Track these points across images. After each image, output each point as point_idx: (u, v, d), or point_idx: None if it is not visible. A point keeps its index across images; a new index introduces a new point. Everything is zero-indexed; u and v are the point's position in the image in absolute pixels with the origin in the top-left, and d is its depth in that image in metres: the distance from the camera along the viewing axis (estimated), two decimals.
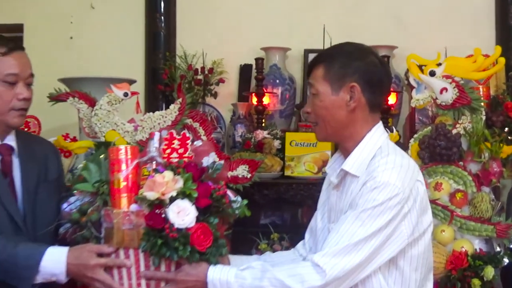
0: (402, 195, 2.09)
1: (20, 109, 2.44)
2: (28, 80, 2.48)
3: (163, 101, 4.77)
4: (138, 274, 2.19)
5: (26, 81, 2.46)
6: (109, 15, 5.17)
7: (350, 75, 2.22)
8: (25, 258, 2.22)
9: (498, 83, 4.17)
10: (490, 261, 3.25)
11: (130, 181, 2.21)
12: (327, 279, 2.04)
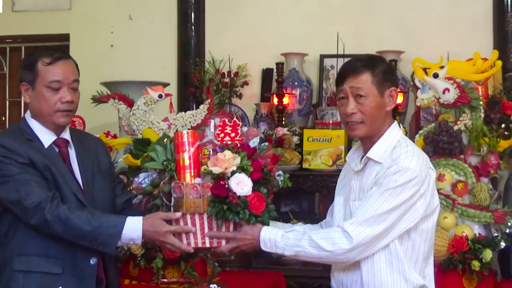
0: (419, 178, 2.20)
1: (64, 110, 2.48)
2: (72, 85, 2.50)
3: (193, 102, 4.78)
4: (202, 234, 2.34)
5: (70, 86, 2.49)
6: (145, 25, 5.19)
7: (389, 81, 2.33)
8: (109, 227, 2.34)
9: (495, 83, 4.16)
10: (488, 244, 3.24)
11: (193, 159, 2.35)
12: (354, 243, 2.16)
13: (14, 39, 5.62)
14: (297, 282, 4.15)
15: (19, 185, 2.34)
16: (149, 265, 3.57)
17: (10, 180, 2.36)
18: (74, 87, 2.50)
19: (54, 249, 2.40)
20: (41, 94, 2.46)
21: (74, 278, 2.40)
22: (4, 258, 2.42)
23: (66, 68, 2.49)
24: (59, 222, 2.31)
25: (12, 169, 2.36)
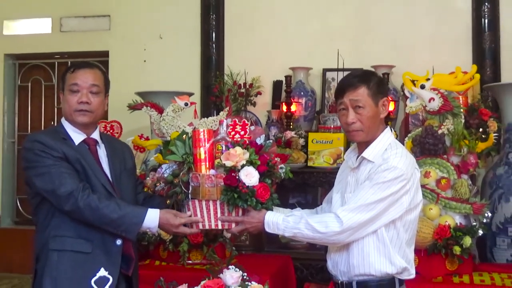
0: (405, 176, 2.22)
1: (81, 110, 2.49)
2: (91, 89, 2.50)
3: (214, 109, 4.79)
4: (215, 218, 2.39)
5: (89, 89, 2.50)
6: (173, 43, 5.21)
7: (382, 93, 2.35)
8: (132, 217, 2.38)
9: (474, 94, 4.14)
10: (468, 232, 3.23)
11: (208, 153, 2.40)
12: (344, 227, 2.20)
13: (62, 55, 5.65)
14: (303, 263, 4.14)
15: (54, 176, 2.37)
16: (176, 249, 3.59)
17: (46, 172, 2.38)
18: (93, 91, 2.51)
19: (85, 232, 2.41)
20: (66, 97, 2.52)
21: (102, 256, 2.41)
22: (43, 240, 2.44)
23: (87, 74, 2.52)
24: (90, 209, 2.34)
25: (48, 162, 2.39)
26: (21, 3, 5.57)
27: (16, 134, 5.79)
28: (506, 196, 3.83)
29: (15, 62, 5.79)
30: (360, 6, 4.86)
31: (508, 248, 3.80)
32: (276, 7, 5.02)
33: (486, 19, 4.55)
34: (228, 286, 2.17)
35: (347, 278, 2.33)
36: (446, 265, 3.27)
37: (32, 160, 2.42)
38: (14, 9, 5.60)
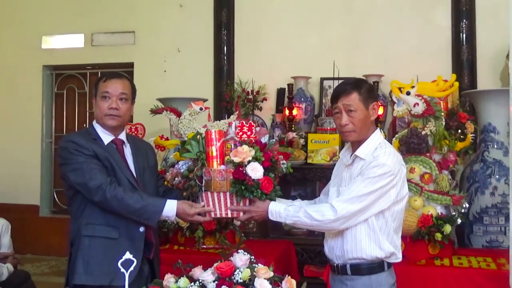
0: (392, 172, 2.23)
1: (110, 115, 2.51)
2: (120, 96, 2.52)
3: (225, 113, 4.79)
4: (226, 207, 2.42)
5: (118, 97, 2.52)
6: (190, 56, 5.22)
7: (372, 98, 2.35)
8: (153, 206, 2.41)
9: (453, 99, 4.13)
10: (448, 221, 3.23)
11: (219, 151, 2.41)
12: (337, 215, 2.21)
13: (93, 67, 5.68)
14: (303, 248, 4.14)
15: (85, 172, 2.39)
16: (192, 235, 3.59)
17: (79, 167, 2.40)
18: (122, 98, 2.53)
19: (112, 220, 2.44)
20: (98, 103, 2.54)
21: (127, 242, 2.43)
22: (76, 227, 2.47)
23: (117, 84, 2.54)
24: (116, 200, 2.36)
25: (80, 159, 2.41)
26: (58, 20, 5.60)
27: (53, 135, 5.82)
28: (481, 189, 3.82)
29: (52, 73, 5.82)
30: (352, 23, 4.85)
31: (484, 235, 3.79)
32: (279, 24, 5.02)
33: (464, 34, 4.55)
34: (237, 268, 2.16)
35: (341, 261, 2.33)
36: (429, 249, 3.26)
37: (66, 157, 2.44)
38: (52, 26, 5.63)
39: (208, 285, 2.08)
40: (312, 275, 3.84)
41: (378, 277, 2.28)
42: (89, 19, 5.51)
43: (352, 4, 4.87)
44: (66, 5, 5.57)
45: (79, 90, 5.79)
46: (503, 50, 4.39)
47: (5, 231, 3.92)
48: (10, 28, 5.71)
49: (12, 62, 5.71)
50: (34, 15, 5.65)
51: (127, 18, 5.42)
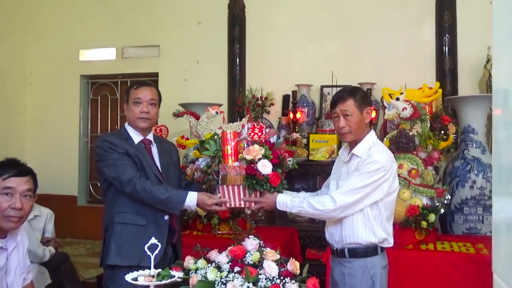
0: (384, 168, 2.23)
1: (142, 118, 2.53)
2: (149, 102, 2.54)
3: (238, 116, 4.78)
4: (239, 198, 2.42)
5: (148, 102, 2.53)
6: (207, 66, 5.22)
7: (365, 103, 2.34)
8: (177, 197, 2.42)
9: (437, 104, 4.10)
10: (432, 210, 3.23)
11: (233, 150, 2.42)
12: (336, 206, 2.22)
13: (123, 76, 5.69)
14: (305, 234, 4.13)
15: (118, 167, 2.41)
16: (209, 222, 3.60)
17: (112, 163, 2.42)
18: (151, 103, 2.55)
19: (141, 209, 2.45)
20: (130, 107, 2.55)
21: (153, 228, 2.45)
22: (110, 215, 2.49)
23: (146, 91, 2.55)
24: (144, 192, 2.37)
25: (113, 156, 2.43)
26: (93, 36, 5.62)
27: (89, 135, 5.85)
28: (462, 183, 3.81)
29: (88, 81, 5.85)
30: (348, 38, 4.83)
31: (464, 223, 3.78)
32: (284, 39, 5.01)
33: (447, 47, 4.52)
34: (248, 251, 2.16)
35: (340, 246, 2.33)
36: (416, 235, 3.25)
37: (102, 155, 2.46)
38: (88, 41, 5.66)
39: (223, 266, 2.09)
40: (313, 257, 3.84)
41: (372, 260, 2.28)
42: (120, 34, 5.53)
43: (348, 21, 4.85)
44: (100, 23, 5.59)
45: (111, 97, 5.81)
46: (481, 61, 4.37)
47: (49, 219, 3.94)
48: (52, 43, 5.75)
49: (54, 72, 5.75)
50: (73, 31, 5.68)
51: (153, 34, 5.42)
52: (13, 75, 5.63)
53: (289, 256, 2.23)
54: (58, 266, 3.61)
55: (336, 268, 2.38)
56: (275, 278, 2.02)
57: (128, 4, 5.49)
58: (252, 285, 1.98)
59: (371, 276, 2.27)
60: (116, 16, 5.53)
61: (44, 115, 5.79)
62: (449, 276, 3.03)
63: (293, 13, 5.00)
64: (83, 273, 4.01)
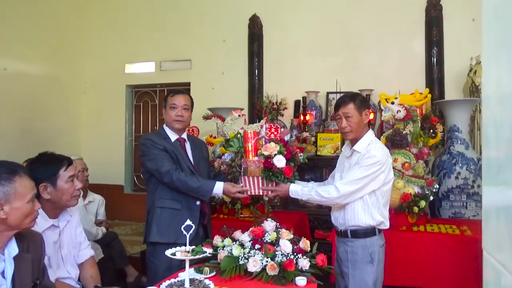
0: (381, 161, 2.20)
1: (177, 120, 2.55)
2: (183, 107, 2.55)
3: (257, 118, 4.78)
4: (258, 187, 2.42)
5: (182, 107, 2.55)
6: (231, 76, 5.23)
7: (364, 107, 2.31)
8: (206, 186, 2.44)
9: (427, 107, 4.05)
10: (423, 198, 3.19)
11: (253, 146, 2.42)
12: (340, 194, 2.21)
13: (161, 85, 5.73)
14: (314, 217, 4.12)
15: (158, 161, 2.43)
16: (233, 207, 3.61)
17: (153, 158, 2.45)
18: (185, 108, 2.56)
19: (177, 196, 2.47)
20: (167, 111, 2.57)
21: (187, 212, 2.46)
22: (151, 201, 2.52)
23: (181, 98, 2.57)
24: (180, 182, 2.39)
25: (154, 151, 2.45)
26: (136, 53, 5.68)
27: (133, 135, 5.91)
28: (448, 174, 3.76)
29: (132, 90, 5.90)
30: (350, 51, 4.79)
31: (450, 208, 3.73)
32: (296, 53, 4.99)
33: (435, 58, 4.46)
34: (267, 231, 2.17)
35: (344, 227, 2.31)
36: (409, 219, 3.21)
37: (145, 150, 2.48)
38: (132, 56, 5.71)
39: (245, 244, 2.10)
40: (320, 237, 3.83)
41: (371, 239, 2.26)
42: (158, 51, 5.57)
43: (350, 38, 4.80)
44: (142, 42, 5.64)
45: (151, 103, 5.85)
46: (465, 70, 4.30)
47: (101, 204, 4.00)
48: (103, 58, 5.82)
49: (104, 82, 5.82)
50: (120, 49, 5.75)
51: (185, 50, 5.45)
52: (71, 86, 5.71)
53: (300, 236, 2.23)
54: (109, 243, 3.66)
55: (340, 246, 2.37)
56: (289, 254, 2.02)
57: (165, 26, 5.52)
58: (270, 260, 1.98)
59: (370, 253, 2.25)
60: (155, 36, 5.56)
61: (96, 119, 5.86)
62: (437, 253, 2.99)
63: (303, 32, 4.98)
64: (129, 249, 4.06)
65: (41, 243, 1.68)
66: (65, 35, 5.56)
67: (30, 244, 1.60)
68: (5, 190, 1.47)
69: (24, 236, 1.60)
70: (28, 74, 5.01)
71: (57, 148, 2.18)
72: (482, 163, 0.84)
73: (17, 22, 4.84)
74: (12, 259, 1.51)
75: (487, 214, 0.82)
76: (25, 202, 1.51)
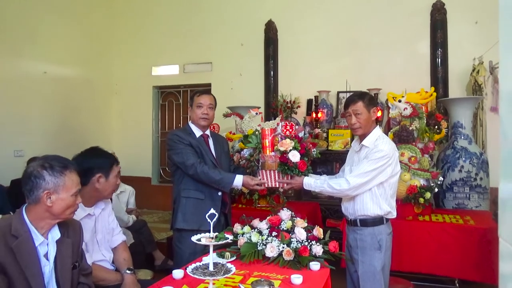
0: (388, 155, 2.17)
1: (203, 118, 2.55)
2: (209, 106, 2.55)
3: (272, 116, 4.78)
4: (275, 180, 2.39)
5: (208, 106, 2.55)
6: (250, 78, 5.22)
7: (372, 104, 2.27)
8: (227, 179, 2.42)
9: (432, 104, 3.98)
10: (428, 190, 3.15)
11: (270, 142, 2.39)
12: (350, 186, 2.17)
13: (184, 86, 5.76)
14: (326, 207, 4.11)
15: (184, 154, 2.44)
16: (251, 197, 3.62)
17: (179, 152, 2.46)
18: (210, 106, 2.57)
19: (201, 187, 2.48)
20: (194, 110, 2.56)
21: (210, 201, 2.46)
22: (177, 191, 2.53)
23: (206, 98, 2.57)
24: (203, 174, 2.40)
25: (180, 146, 2.47)
26: (162, 56, 5.72)
27: (159, 131, 5.97)
28: (452, 168, 3.70)
29: (158, 90, 5.96)
30: (359, 53, 4.73)
31: (453, 200, 3.68)
32: (308, 55, 4.96)
33: (439, 58, 4.37)
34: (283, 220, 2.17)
35: (353, 217, 2.29)
36: (414, 209, 3.18)
37: (171, 145, 2.50)
38: (158, 60, 5.76)
39: (263, 231, 2.11)
40: (331, 225, 3.81)
41: (379, 228, 2.23)
42: (182, 55, 5.60)
43: (358, 40, 4.75)
44: (167, 46, 5.68)
45: (175, 102, 5.89)
46: (468, 70, 4.23)
47: (131, 194, 4.06)
48: (132, 61, 5.89)
49: (133, 84, 5.89)
50: (147, 53, 5.80)
51: (206, 54, 5.47)
52: (102, 87, 5.80)
53: (313, 224, 2.22)
54: (139, 230, 3.71)
55: (350, 234, 2.35)
56: (304, 241, 2.03)
57: (187, 32, 5.55)
58: (286, 246, 1.99)
59: (378, 241, 2.23)
60: (179, 42, 5.60)
61: (126, 117, 5.94)
62: (441, 241, 2.96)
63: (315, 35, 4.94)
64: (156, 235, 4.12)
65: (80, 230, 1.72)
66: (97, 41, 5.64)
67: (70, 230, 1.64)
68: (56, 182, 1.52)
69: (65, 223, 1.64)
70: (64, 77, 5.11)
71: (91, 144, 2.22)
72: (501, 154, 0.82)
73: (55, 31, 4.94)
74: (54, 243, 1.55)
75: (503, 203, 0.81)
76: (69, 194, 1.55)
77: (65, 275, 1.55)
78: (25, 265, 1.42)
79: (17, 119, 4.47)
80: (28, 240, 1.47)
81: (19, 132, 4.48)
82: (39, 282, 1.45)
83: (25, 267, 1.42)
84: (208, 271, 1.48)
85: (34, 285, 1.43)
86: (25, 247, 1.44)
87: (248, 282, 1.70)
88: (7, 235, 1.43)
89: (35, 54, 4.71)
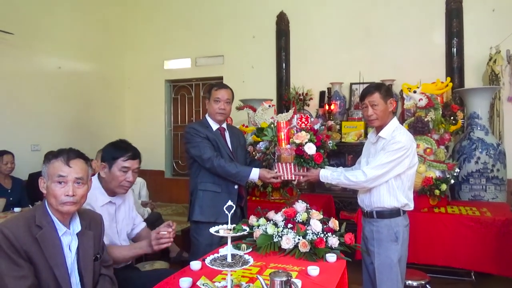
0: (405, 146, 2.15)
1: (220, 112, 2.55)
2: (226, 101, 2.56)
3: (285, 108, 4.78)
4: (291, 173, 2.40)
5: (225, 101, 2.55)
6: (260, 70, 5.21)
7: (389, 95, 2.25)
8: (244, 172, 2.44)
9: (447, 95, 3.93)
10: (444, 181, 3.13)
11: (286, 135, 2.39)
12: (367, 178, 2.16)
13: (196, 80, 5.78)
14: (339, 199, 4.11)
15: (201, 148, 2.46)
16: (264, 190, 3.64)
17: (196, 145, 2.47)
18: (227, 101, 2.57)
19: (217, 180, 2.49)
20: (211, 104, 2.57)
21: (226, 194, 2.47)
22: (194, 184, 2.55)
23: (224, 92, 2.57)
24: (220, 167, 2.41)
25: (197, 139, 2.48)
26: (174, 50, 5.74)
27: (172, 125, 6.01)
28: (468, 159, 3.65)
29: (170, 84, 5.99)
30: (372, 43, 4.68)
31: (469, 191, 3.64)
32: (321, 46, 4.92)
33: (455, 48, 4.30)
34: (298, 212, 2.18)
35: (369, 209, 2.28)
36: (430, 201, 3.17)
37: (189, 138, 2.52)
38: (170, 54, 5.78)
39: (279, 223, 2.12)
40: (345, 218, 3.82)
41: (396, 220, 2.22)
42: (193, 48, 5.61)
43: (372, 30, 4.69)
44: (179, 40, 5.69)
45: (187, 96, 5.92)
46: (484, 60, 4.15)
47: (142, 186, 4.09)
48: (144, 56, 5.92)
49: (145, 78, 5.93)
50: (159, 47, 5.83)
51: (218, 46, 5.47)
52: (115, 81, 5.86)
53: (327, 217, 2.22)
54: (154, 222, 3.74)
55: (366, 226, 2.35)
56: (319, 233, 2.03)
57: (199, 25, 5.55)
58: (302, 238, 2.00)
59: (395, 233, 2.22)
60: (190, 35, 5.61)
61: (139, 111, 5.99)
62: (457, 233, 2.94)
63: (327, 26, 4.90)
64: None
65: (101, 223, 1.75)
66: (110, 37, 5.69)
67: (91, 223, 1.68)
68: (44, 170, 1.58)
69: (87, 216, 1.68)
70: (79, 72, 5.17)
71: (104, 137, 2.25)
72: None
73: (69, 27, 4.99)
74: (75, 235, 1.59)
75: None
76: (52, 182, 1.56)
77: (87, 266, 1.59)
78: (49, 255, 1.46)
79: (33, 114, 4.55)
80: (52, 231, 1.51)
81: (35, 127, 4.56)
82: (63, 272, 1.49)
83: (49, 257, 1.46)
84: (226, 262, 1.50)
85: (58, 274, 1.47)
86: (49, 237, 1.49)
87: (265, 274, 1.72)
88: (32, 226, 1.47)
89: (50, 50, 4.77)
